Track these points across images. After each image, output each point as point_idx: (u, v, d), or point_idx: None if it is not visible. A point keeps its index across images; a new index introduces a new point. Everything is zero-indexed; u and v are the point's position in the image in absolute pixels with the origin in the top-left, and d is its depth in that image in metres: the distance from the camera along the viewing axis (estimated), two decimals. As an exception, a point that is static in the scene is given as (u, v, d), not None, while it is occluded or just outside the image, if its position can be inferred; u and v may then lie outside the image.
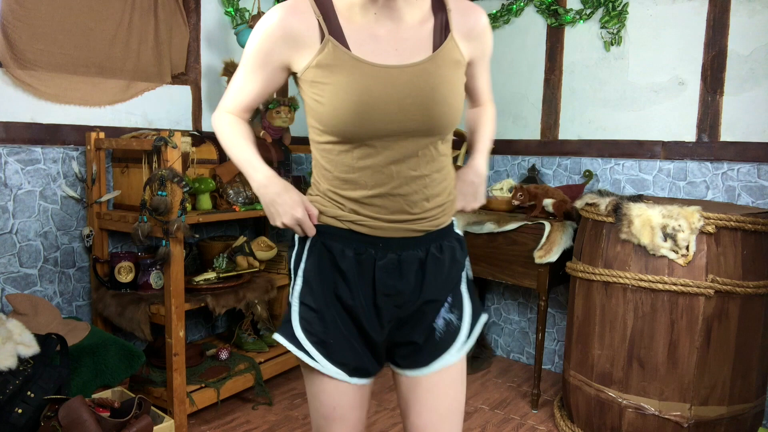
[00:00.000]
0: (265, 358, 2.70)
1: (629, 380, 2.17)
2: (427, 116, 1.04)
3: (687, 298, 2.07)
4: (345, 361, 1.12)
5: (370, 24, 1.06)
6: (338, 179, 1.09)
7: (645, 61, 2.76)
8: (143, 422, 1.83)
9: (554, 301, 3.11)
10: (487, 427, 2.49)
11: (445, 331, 1.17)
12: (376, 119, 1.02)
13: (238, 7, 2.95)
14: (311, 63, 1.04)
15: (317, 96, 1.05)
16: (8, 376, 1.74)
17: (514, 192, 2.74)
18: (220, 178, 2.56)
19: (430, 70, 1.05)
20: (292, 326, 1.14)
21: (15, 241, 2.26)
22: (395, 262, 1.10)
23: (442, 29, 1.09)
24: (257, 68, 1.12)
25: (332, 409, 1.15)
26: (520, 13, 3.12)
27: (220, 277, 2.53)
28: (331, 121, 1.04)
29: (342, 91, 1.02)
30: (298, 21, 1.04)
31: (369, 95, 1.01)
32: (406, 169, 1.07)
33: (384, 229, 1.09)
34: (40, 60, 2.26)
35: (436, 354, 1.17)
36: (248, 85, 1.16)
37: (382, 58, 1.04)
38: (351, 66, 1.02)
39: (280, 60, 1.09)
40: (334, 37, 1.03)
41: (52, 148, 2.35)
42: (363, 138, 1.04)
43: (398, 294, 1.12)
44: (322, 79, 1.04)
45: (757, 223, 2.07)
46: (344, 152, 1.07)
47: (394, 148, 1.05)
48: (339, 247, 1.11)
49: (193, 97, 2.85)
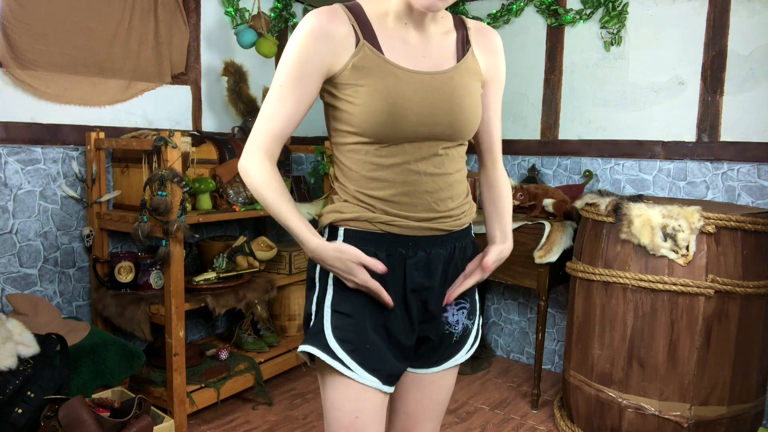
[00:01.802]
0: (265, 358, 2.70)
1: (629, 380, 2.17)
2: (453, 121, 1.10)
3: (687, 298, 2.07)
4: (379, 368, 1.13)
5: (401, 31, 1.11)
6: (365, 178, 1.11)
7: (645, 61, 2.76)
8: (143, 422, 1.83)
9: (554, 301, 3.11)
10: (487, 427, 2.49)
11: (461, 336, 1.23)
12: (408, 121, 1.06)
13: (238, 7, 2.95)
14: (347, 65, 1.07)
15: (350, 97, 1.07)
16: (8, 376, 1.74)
17: (514, 192, 2.74)
18: (220, 178, 2.56)
19: (456, 78, 1.11)
20: (324, 336, 1.12)
21: (15, 241, 2.26)
22: (425, 260, 1.15)
23: (464, 43, 1.17)
24: (296, 80, 1.08)
25: (354, 417, 1.13)
26: (520, 13, 3.12)
27: (220, 277, 2.53)
28: (364, 122, 1.07)
29: (377, 92, 1.05)
30: (336, 24, 1.07)
31: (402, 98, 1.06)
32: (432, 167, 1.11)
33: (413, 228, 1.12)
34: (40, 60, 2.26)
35: (449, 356, 1.23)
36: (284, 106, 1.09)
37: (413, 63, 1.09)
38: (385, 69, 1.06)
39: (320, 64, 1.07)
40: (368, 42, 1.08)
41: (52, 148, 2.35)
42: (393, 139, 1.08)
43: (426, 290, 1.16)
44: (357, 81, 1.07)
45: (757, 223, 2.07)
46: (372, 152, 1.09)
47: (422, 148, 1.10)
48: (371, 250, 1.12)
49: (193, 97, 2.85)
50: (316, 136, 3.47)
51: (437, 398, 1.27)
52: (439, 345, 1.21)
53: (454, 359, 1.24)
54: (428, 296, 1.16)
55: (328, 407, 1.16)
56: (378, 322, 1.13)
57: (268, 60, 3.19)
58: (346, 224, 1.13)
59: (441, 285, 1.18)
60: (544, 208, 2.68)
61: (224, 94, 2.89)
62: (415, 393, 1.26)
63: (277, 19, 3.11)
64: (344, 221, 1.13)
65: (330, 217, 1.15)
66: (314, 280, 1.18)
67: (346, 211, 1.13)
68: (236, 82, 2.82)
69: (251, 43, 2.76)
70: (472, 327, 1.25)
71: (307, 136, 3.44)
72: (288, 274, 2.87)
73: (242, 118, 2.90)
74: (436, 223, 1.14)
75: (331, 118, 1.14)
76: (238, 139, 2.82)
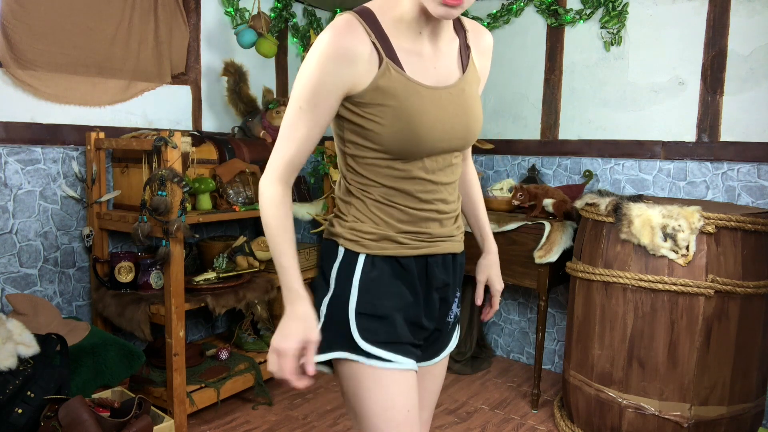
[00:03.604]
0: (265, 358, 2.70)
1: (629, 380, 2.17)
2: (467, 133, 1.13)
3: (687, 298, 2.07)
4: (411, 355, 1.14)
5: (415, 41, 1.09)
6: (386, 187, 1.11)
7: (645, 61, 2.76)
8: (143, 422, 1.84)
9: (554, 301, 3.11)
10: (487, 427, 2.49)
11: (452, 324, 1.28)
12: (430, 139, 1.07)
13: (238, 7, 2.95)
14: (372, 86, 1.04)
15: (376, 117, 1.05)
16: (8, 376, 1.74)
17: (514, 192, 2.74)
18: (220, 178, 2.56)
19: (466, 90, 1.12)
20: (353, 340, 1.10)
21: (15, 241, 2.26)
22: (441, 258, 1.18)
23: (466, 49, 1.17)
24: (316, 101, 1.04)
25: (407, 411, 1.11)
26: (520, 13, 3.12)
27: (220, 277, 2.53)
28: (389, 141, 1.06)
29: (402, 112, 1.04)
30: (357, 42, 1.03)
31: (426, 117, 1.06)
32: (445, 177, 1.14)
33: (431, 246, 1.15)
34: (40, 60, 2.26)
35: (443, 346, 1.28)
36: (301, 128, 1.06)
37: (427, 77, 1.09)
38: (409, 89, 1.05)
39: (341, 85, 1.03)
40: (390, 60, 1.05)
41: (52, 148, 2.35)
42: (415, 155, 1.08)
43: (445, 286, 1.20)
44: (382, 101, 1.04)
45: (757, 223, 2.07)
46: (392, 166, 1.10)
47: (438, 160, 1.12)
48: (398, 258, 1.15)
49: (193, 97, 2.85)
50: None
51: (431, 388, 1.31)
52: (438, 336, 1.25)
53: (448, 348, 1.29)
54: (447, 292, 1.21)
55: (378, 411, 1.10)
56: (410, 319, 1.15)
57: (268, 60, 3.19)
58: (368, 250, 1.11)
59: (454, 280, 1.23)
60: (544, 208, 2.68)
61: (224, 94, 2.89)
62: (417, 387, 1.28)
63: (277, 19, 3.11)
64: (363, 246, 1.11)
65: (348, 245, 1.12)
66: (328, 281, 1.14)
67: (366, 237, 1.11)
68: (236, 82, 2.82)
69: (251, 43, 2.76)
70: (458, 315, 1.31)
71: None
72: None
73: (242, 118, 2.90)
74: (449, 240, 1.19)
75: (348, 131, 1.10)
76: (238, 139, 2.82)
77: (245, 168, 2.63)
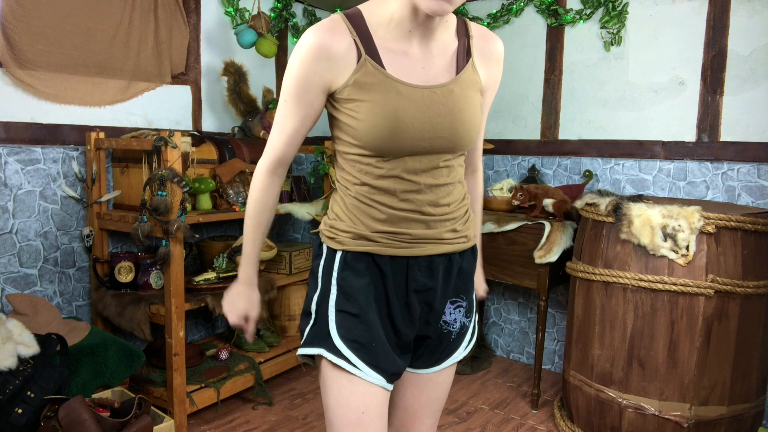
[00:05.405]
0: (265, 358, 2.70)
1: (629, 380, 2.17)
2: (453, 135, 1.11)
3: (687, 298, 2.07)
4: (384, 366, 1.14)
5: (402, 40, 1.10)
6: (366, 185, 1.12)
7: (645, 61, 2.76)
8: (143, 422, 1.84)
9: (554, 301, 3.11)
10: (487, 427, 2.49)
11: (459, 334, 1.25)
12: (408, 136, 1.07)
13: (238, 7, 2.95)
14: (349, 81, 1.07)
15: (352, 112, 1.08)
16: (8, 376, 1.74)
17: (514, 192, 2.74)
18: (220, 178, 2.56)
19: (455, 91, 1.11)
20: (330, 336, 1.14)
21: (15, 241, 2.26)
22: (426, 261, 1.16)
23: (465, 53, 1.16)
24: (298, 95, 1.11)
25: (361, 413, 1.13)
26: (520, 13, 3.12)
27: (220, 277, 2.53)
28: (366, 137, 1.08)
29: (378, 108, 1.06)
30: (335, 40, 1.07)
31: (404, 113, 1.06)
32: (431, 179, 1.13)
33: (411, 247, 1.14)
34: (40, 60, 2.26)
35: (448, 354, 1.25)
36: (290, 121, 1.14)
37: (413, 76, 1.09)
38: (387, 84, 1.06)
39: (321, 80, 1.08)
40: (370, 56, 1.07)
41: (52, 148, 2.35)
42: (394, 153, 1.09)
43: (429, 290, 1.17)
44: (359, 96, 1.07)
45: (757, 223, 2.07)
46: (373, 164, 1.11)
47: (422, 161, 1.11)
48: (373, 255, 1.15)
49: (193, 97, 2.85)
50: (315, 136, 3.46)
51: (435, 395, 1.29)
52: (437, 344, 1.23)
53: (453, 357, 1.26)
54: (431, 296, 1.18)
55: (332, 405, 1.15)
56: (384, 320, 1.15)
57: (268, 60, 3.19)
58: (344, 247, 1.14)
59: (444, 284, 1.19)
60: (544, 208, 2.68)
61: (224, 94, 2.89)
62: (414, 390, 1.27)
63: (277, 19, 3.11)
64: (340, 243, 1.15)
65: (328, 242, 1.18)
66: (317, 279, 1.19)
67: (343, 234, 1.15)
68: (236, 82, 2.82)
69: (251, 43, 2.76)
70: (470, 324, 1.27)
71: (307, 136, 3.44)
72: (288, 274, 2.87)
73: (242, 118, 2.90)
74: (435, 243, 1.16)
75: (334, 127, 1.15)
76: (238, 139, 2.82)
77: (245, 168, 2.63)
